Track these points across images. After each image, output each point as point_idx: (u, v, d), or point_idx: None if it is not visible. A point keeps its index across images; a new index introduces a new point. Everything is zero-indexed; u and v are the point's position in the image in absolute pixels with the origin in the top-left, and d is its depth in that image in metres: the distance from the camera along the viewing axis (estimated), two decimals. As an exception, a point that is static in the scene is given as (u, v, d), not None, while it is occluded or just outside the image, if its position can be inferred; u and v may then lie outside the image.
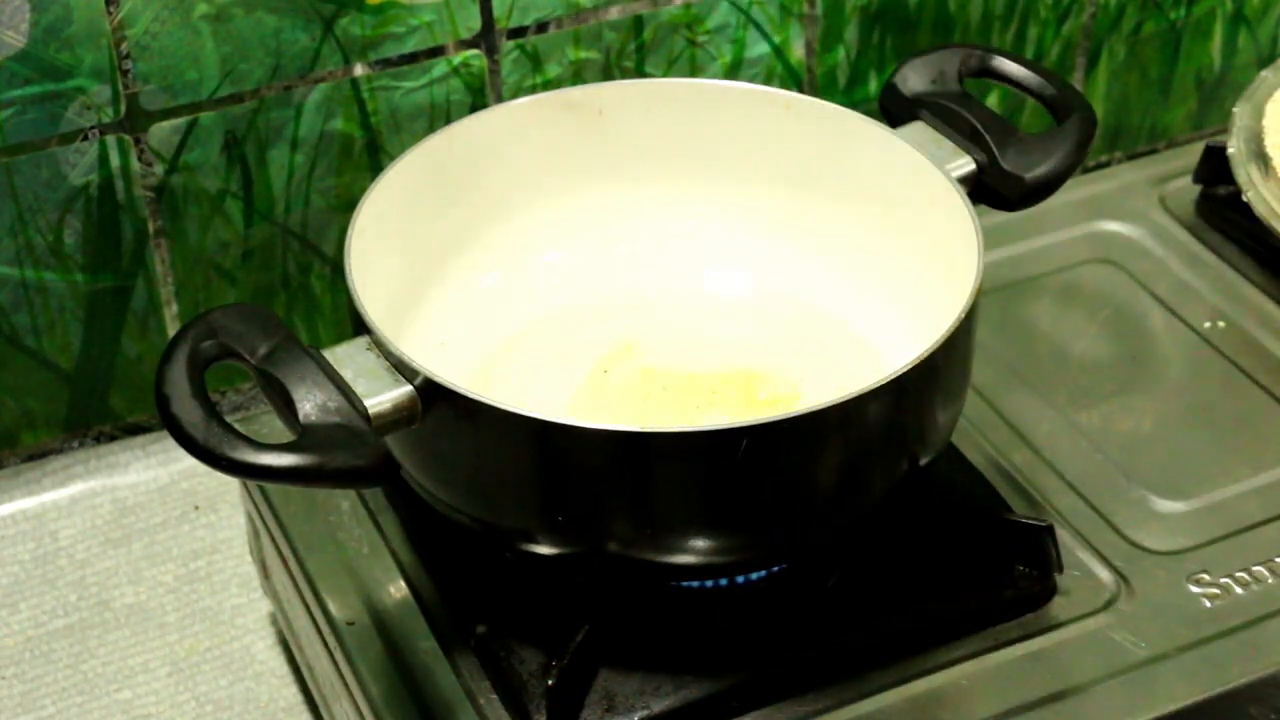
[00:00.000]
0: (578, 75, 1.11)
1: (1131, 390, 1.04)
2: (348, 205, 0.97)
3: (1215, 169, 1.13)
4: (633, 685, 0.86)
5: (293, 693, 1.01)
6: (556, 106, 1.00)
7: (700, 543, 0.84)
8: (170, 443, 0.79)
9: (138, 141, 1.03)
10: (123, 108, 1.02)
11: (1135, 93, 1.28)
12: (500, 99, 1.09)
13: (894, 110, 1.00)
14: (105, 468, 1.10)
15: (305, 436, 0.79)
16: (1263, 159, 1.08)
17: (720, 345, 0.98)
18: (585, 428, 0.80)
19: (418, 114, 1.08)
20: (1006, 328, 1.07)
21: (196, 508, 1.09)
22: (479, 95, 1.09)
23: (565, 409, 0.94)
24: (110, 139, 1.02)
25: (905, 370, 0.82)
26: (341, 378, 0.81)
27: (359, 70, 1.06)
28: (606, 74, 1.12)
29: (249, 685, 1.01)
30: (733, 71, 1.15)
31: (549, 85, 1.10)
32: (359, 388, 0.81)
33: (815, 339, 0.99)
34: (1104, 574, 0.93)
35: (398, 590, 0.93)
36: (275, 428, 0.91)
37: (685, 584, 0.89)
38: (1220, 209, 1.14)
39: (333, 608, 0.92)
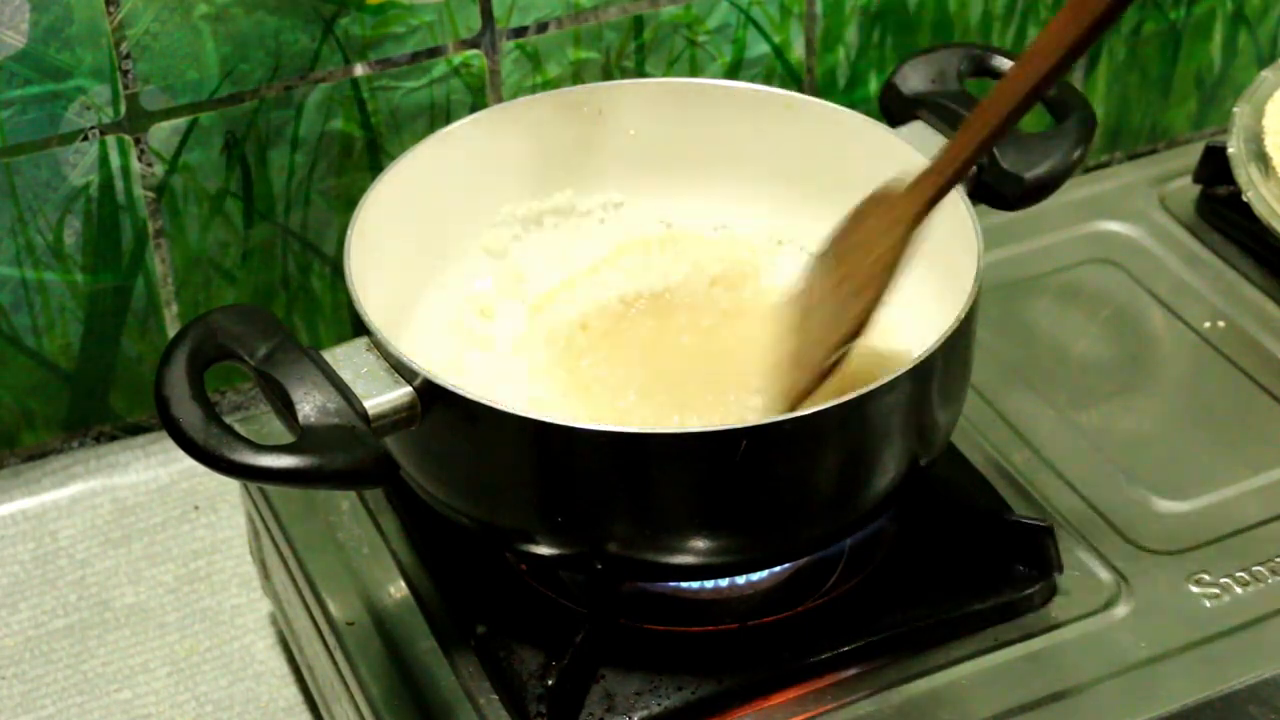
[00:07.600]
0: (578, 75, 1.11)
1: (1131, 390, 1.04)
2: (348, 205, 0.97)
3: (1215, 169, 1.13)
4: (633, 685, 0.86)
5: (293, 693, 1.01)
6: (556, 106, 1.00)
7: (700, 543, 0.84)
8: (170, 443, 0.79)
9: (138, 141, 1.03)
10: (123, 108, 1.02)
11: (1135, 93, 1.28)
12: (500, 99, 1.09)
13: (894, 110, 1.00)
14: (105, 468, 1.10)
15: (304, 438, 0.79)
16: (1263, 159, 1.08)
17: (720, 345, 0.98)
18: (584, 429, 0.80)
19: (418, 114, 1.08)
20: (1006, 328, 1.07)
21: (196, 508, 1.09)
22: (479, 95, 1.09)
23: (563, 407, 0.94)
24: (110, 139, 1.02)
25: (905, 370, 0.82)
26: (341, 379, 0.81)
27: (359, 70, 1.06)
28: (606, 74, 1.12)
29: (249, 685, 1.01)
30: (733, 71, 1.15)
31: (549, 85, 1.10)
32: (358, 389, 0.81)
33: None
34: (1104, 574, 0.93)
35: (398, 590, 0.93)
36: (275, 428, 0.91)
37: (685, 584, 0.89)
38: (1220, 209, 1.14)
39: (333, 608, 0.92)
